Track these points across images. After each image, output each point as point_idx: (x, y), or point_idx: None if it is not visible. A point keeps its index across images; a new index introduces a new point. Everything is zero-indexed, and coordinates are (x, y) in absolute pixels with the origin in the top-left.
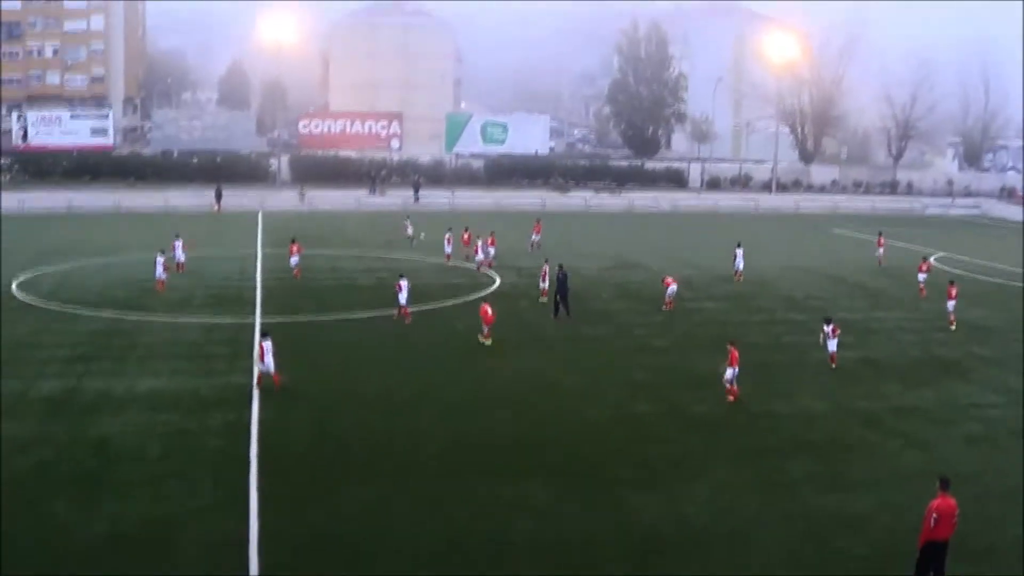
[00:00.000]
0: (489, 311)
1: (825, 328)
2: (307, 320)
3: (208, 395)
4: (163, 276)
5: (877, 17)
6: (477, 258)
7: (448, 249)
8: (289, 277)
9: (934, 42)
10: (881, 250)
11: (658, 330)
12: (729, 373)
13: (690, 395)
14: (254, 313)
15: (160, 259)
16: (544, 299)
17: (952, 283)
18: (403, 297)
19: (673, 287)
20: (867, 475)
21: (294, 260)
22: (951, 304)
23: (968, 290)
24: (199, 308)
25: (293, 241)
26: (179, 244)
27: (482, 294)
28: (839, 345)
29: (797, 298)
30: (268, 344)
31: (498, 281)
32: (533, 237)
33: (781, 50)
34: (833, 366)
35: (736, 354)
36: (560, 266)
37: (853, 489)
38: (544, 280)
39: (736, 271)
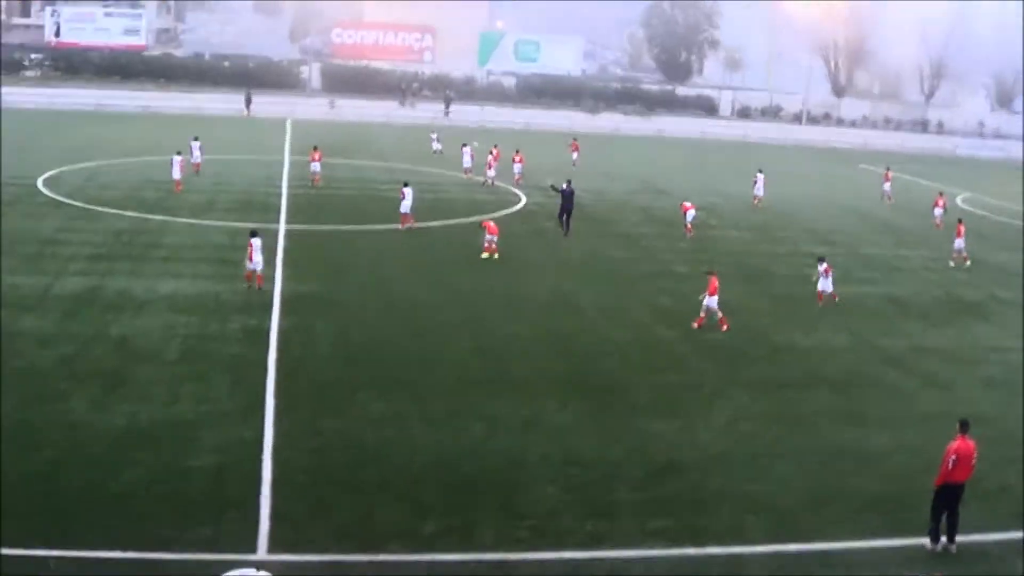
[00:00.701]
0: (492, 224)
1: (819, 267)
2: (331, 229)
3: (229, 300)
4: (179, 176)
5: None
6: (489, 173)
7: (467, 163)
8: (314, 185)
9: None
10: (888, 185)
11: (683, 256)
12: (711, 302)
13: (712, 323)
14: (279, 219)
15: (177, 159)
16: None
17: (960, 221)
18: (405, 204)
19: (692, 212)
20: (885, 412)
21: (315, 167)
22: (959, 242)
23: (993, 233)
24: (224, 212)
25: (315, 148)
26: (196, 145)
27: (507, 212)
28: (835, 282)
29: (821, 231)
30: (257, 243)
31: (524, 200)
32: (573, 156)
33: None
34: (820, 304)
35: (716, 283)
36: (568, 181)
37: (870, 425)
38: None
39: (755, 196)
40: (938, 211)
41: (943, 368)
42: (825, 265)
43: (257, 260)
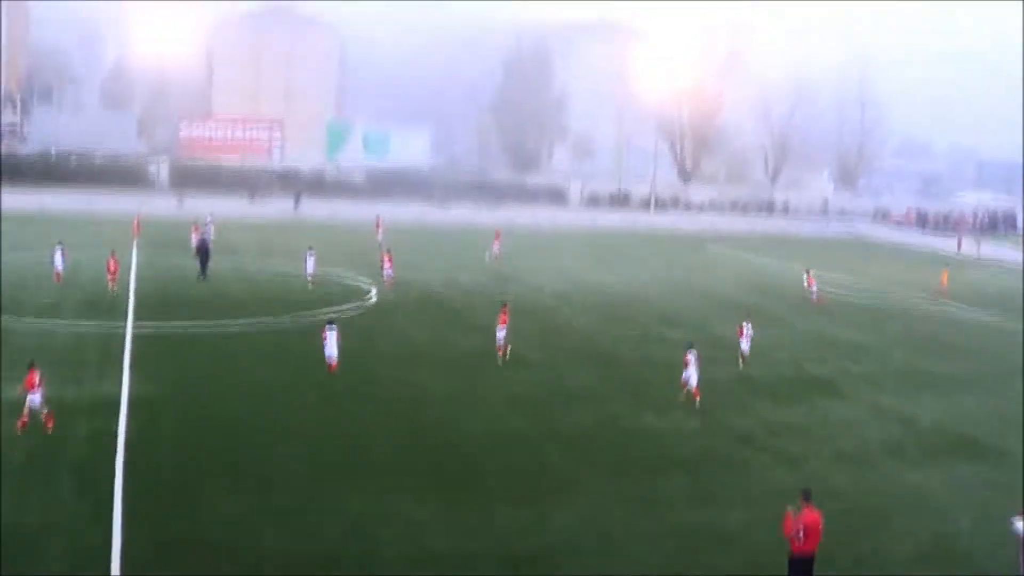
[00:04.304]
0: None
1: (688, 355)
2: (180, 326)
3: (76, 403)
4: (60, 267)
5: (757, 38)
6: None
7: (310, 270)
8: (164, 282)
9: (813, 64)
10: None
11: (534, 344)
12: (500, 333)
13: (564, 409)
14: (126, 319)
15: (60, 250)
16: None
17: (808, 271)
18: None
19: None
20: (738, 491)
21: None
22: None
23: (841, 309)
24: (71, 313)
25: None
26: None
27: (357, 304)
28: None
29: (670, 314)
30: (333, 333)
31: (374, 294)
32: (493, 248)
33: (662, 68)
34: (697, 399)
35: (506, 315)
36: (203, 230)
37: (724, 505)
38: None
39: (742, 354)
40: (813, 288)
41: (794, 444)
42: (695, 352)
43: (332, 349)
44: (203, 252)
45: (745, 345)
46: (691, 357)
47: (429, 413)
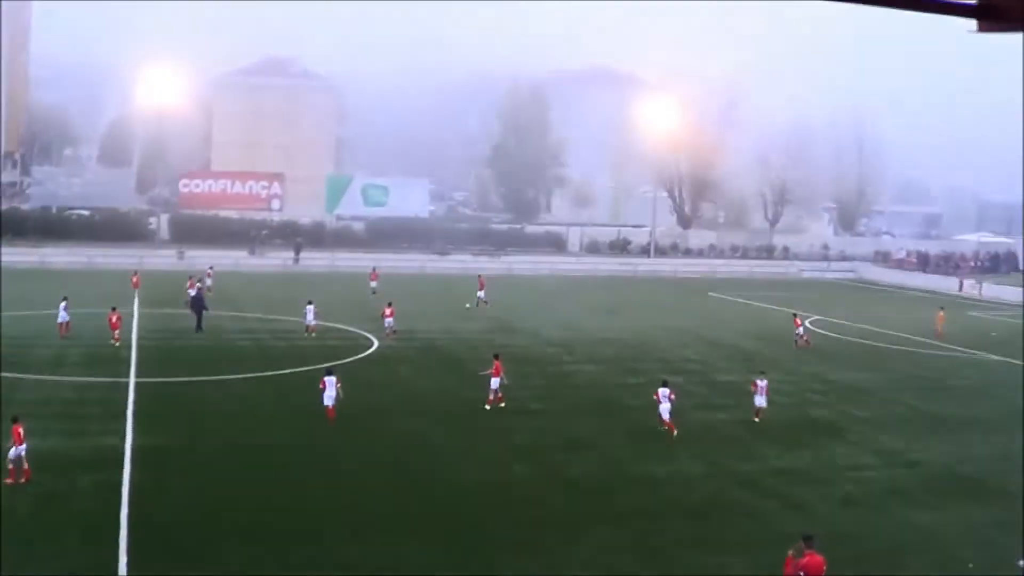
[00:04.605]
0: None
1: (660, 391)
2: (182, 380)
3: (79, 456)
4: (66, 319)
5: (755, 83)
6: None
7: (310, 322)
8: (166, 335)
9: (810, 108)
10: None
11: (537, 393)
12: (494, 383)
13: (568, 458)
14: (129, 373)
15: (64, 305)
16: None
17: (795, 315)
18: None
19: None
20: (744, 537)
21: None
22: (799, 330)
23: (843, 352)
24: (73, 367)
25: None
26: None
27: (360, 356)
28: (678, 410)
29: (674, 360)
30: (332, 379)
31: (376, 344)
32: (478, 294)
33: (659, 115)
34: (674, 432)
35: (499, 365)
36: (199, 284)
37: (730, 551)
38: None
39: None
40: (800, 330)
41: (800, 489)
42: (668, 390)
43: (331, 395)
44: (198, 305)
45: (760, 400)
46: (662, 394)
47: (432, 462)
